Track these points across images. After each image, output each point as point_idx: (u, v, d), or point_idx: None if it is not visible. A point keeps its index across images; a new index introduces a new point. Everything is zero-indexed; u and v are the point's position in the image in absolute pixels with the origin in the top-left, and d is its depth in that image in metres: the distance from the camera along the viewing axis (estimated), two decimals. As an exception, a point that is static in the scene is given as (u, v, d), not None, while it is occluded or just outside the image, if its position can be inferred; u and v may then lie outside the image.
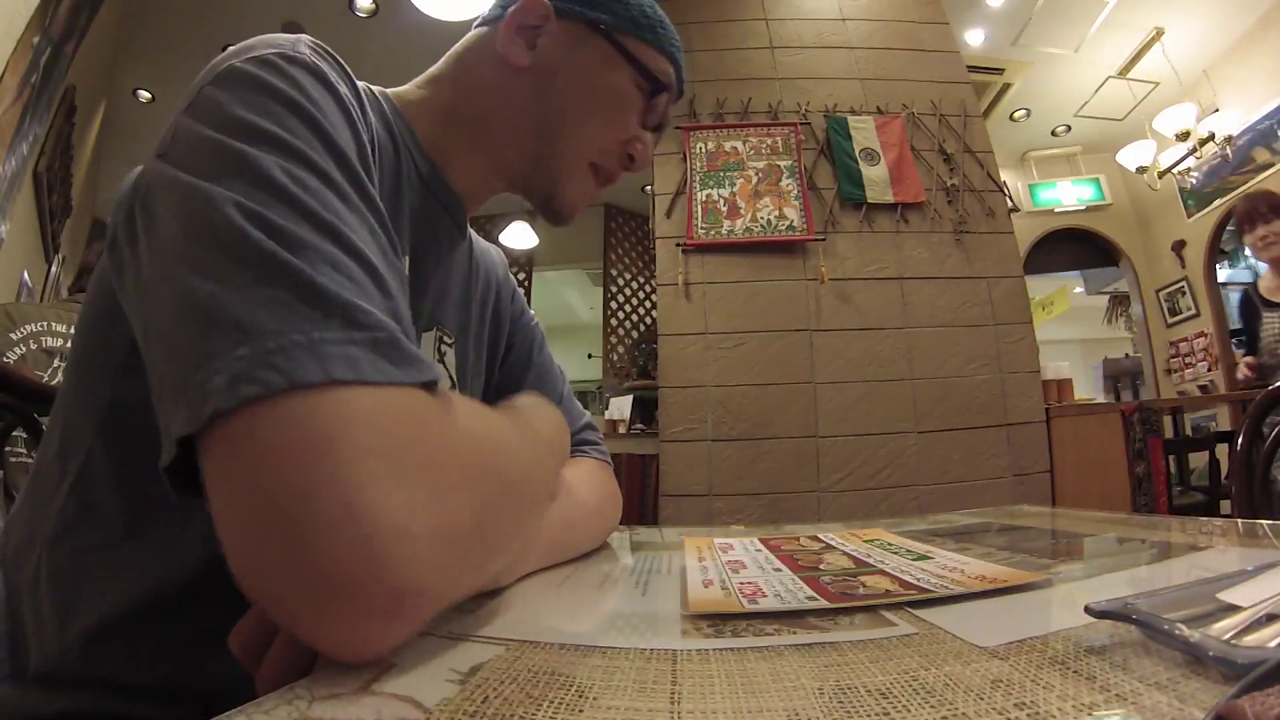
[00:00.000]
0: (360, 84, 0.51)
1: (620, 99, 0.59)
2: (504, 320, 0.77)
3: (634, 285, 6.08)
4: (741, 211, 3.05)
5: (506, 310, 0.77)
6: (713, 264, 3.02)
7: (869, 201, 3.04)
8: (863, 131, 3.15)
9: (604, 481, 0.70)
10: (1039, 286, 6.47)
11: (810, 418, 2.85)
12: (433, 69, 0.62)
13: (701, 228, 3.03)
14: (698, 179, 3.10)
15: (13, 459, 1.34)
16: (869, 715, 0.24)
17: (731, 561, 0.56)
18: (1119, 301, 6.87)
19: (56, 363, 1.69)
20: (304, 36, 0.43)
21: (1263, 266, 2.53)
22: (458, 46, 0.62)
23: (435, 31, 2.07)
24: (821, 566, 0.52)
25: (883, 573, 0.49)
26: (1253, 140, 4.13)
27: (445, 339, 0.63)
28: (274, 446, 0.27)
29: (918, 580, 0.45)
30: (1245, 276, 5.52)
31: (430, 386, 0.32)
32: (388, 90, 0.58)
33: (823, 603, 0.40)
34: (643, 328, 5.86)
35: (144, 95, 4.42)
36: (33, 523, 0.47)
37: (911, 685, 0.26)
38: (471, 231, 0.70)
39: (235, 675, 0.36)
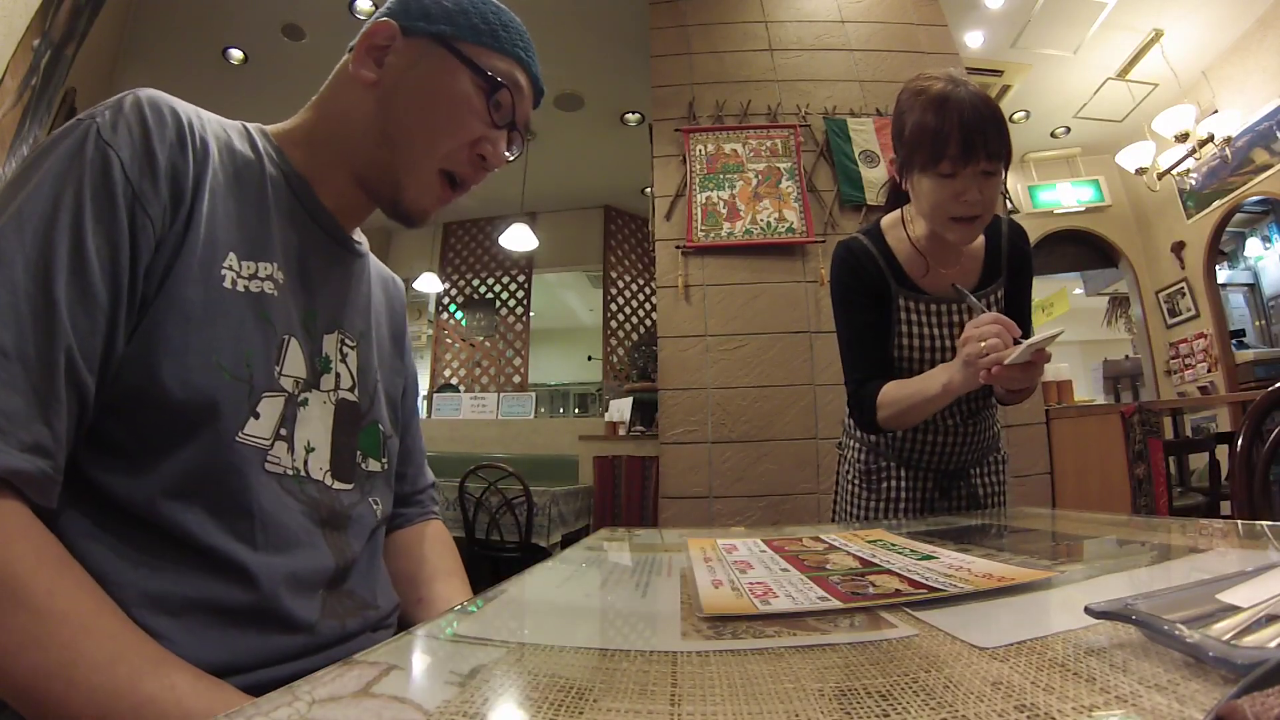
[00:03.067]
0: (233, 122, 0.61)
1: (458, 100, 0.62)
2: (406, 351, 0.83)
3: (634, 288, 6.08)
4: (741, 214, 3.05)
5: (406, 339, 0.84)
6: (712, 266, 3.03)
7: (869, 204, 3.04)
8: (862, 133, 3.15)
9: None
10: (1038, 288, 6.40)
11: (810, 419, 2.85)
12: (311, 100, 0.68)
13: (701, 230, 3.03)
14: (697, 181, 3.10)
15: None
16: (869, 717, 0.24)
17: (738, 562, 0.56)
18: (1119, 303, 6.88)
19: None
20: (138, 93, 0.53)
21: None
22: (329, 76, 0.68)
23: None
24: (828, 566, 0.52)
25: (890, 572, 0.48)
26: (1252, 141, 4.13)
27: (347, 342, 0.67)
28: None
29: (926, 579, 0.45)
30: (1246, 278, 5.54)
31: None
32: (267, 126, 0.66)
33: (835, 603, 0.40)
34: (642, 330, 5.86)
35: (144, 98, 4.42)
36: None
37: (912, 687, 0.26)
38: (373, 257, 0.77)
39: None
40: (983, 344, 0.88)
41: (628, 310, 6.01)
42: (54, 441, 0.44)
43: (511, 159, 0.69)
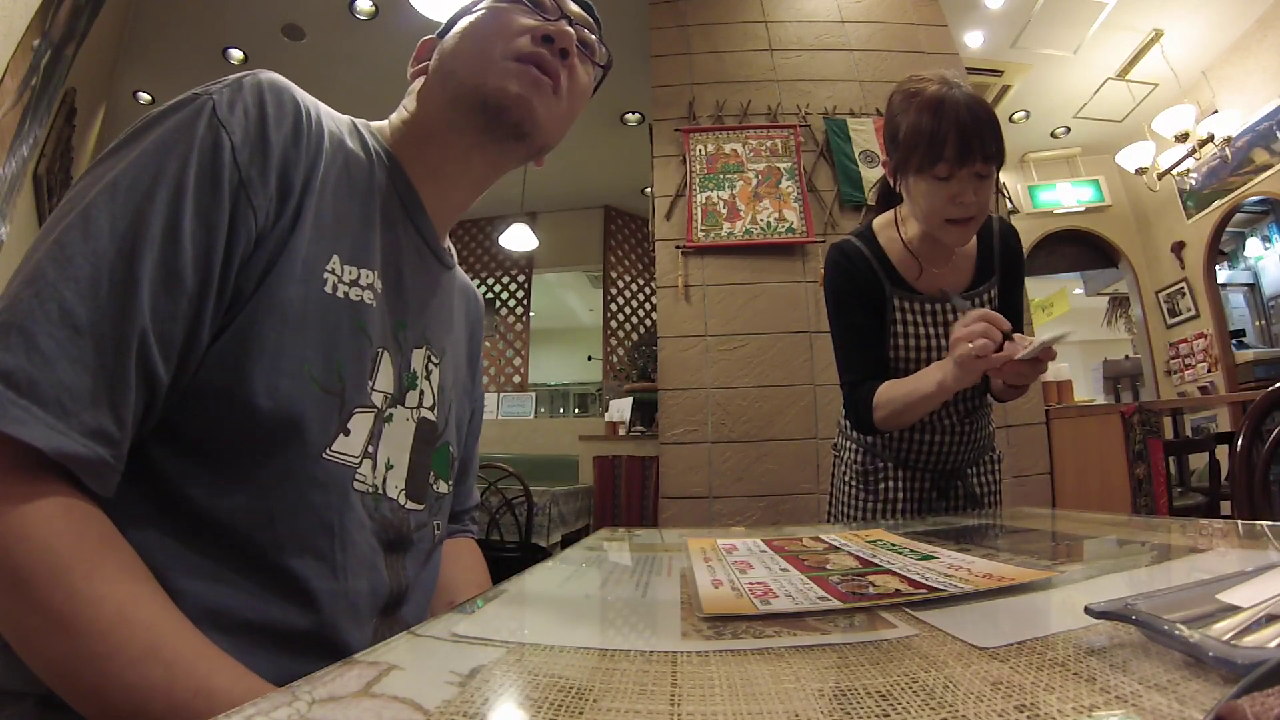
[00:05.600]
0: (344, 116, 0.60)
1: (488, 12, 0.62)
2: (478, 375, 0.82)
3: (634, 288, 6.08)
4: (741, 214, 3.05)
5: (480, 361, 0.83)
6: (712, 266, 3.03)
7: (869, 204, 3.04)
8: (862, 133, 3.15)
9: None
10: (1039, 288, 6.47)
11: (810, 419, 2.85)
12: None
13: (701, 230, 3.03)
14: (697, 181, 3.10)
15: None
16: (869, 717, 0.24)
17: (738, 562, 0.56)
18: (1119, 303, 6.88)
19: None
20: (255, 73, 0.51)
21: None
22: None
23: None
24: (828, 567, 0.52)
25: (891, 572, 0.48)
26: (1252, 141, 4.13)
27: (432, 359, 0.65)
28: None
29: (926, 579, 0.45)
30: (1246, 278, 5.54)
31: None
32: (371, 122, 0.65)
33: (835, 603, 0.40)
34: (642, 330, 5.86)
35: (144, 97, 4.43)
36: None
37: (912, 687, 0.26)
38: (459, 268, 0.75)
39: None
40: (970, 345, 0.89)
41: (628, 310, 6.01)
42: (118, 428, 0.41)
43: (584, 48, 0.65)
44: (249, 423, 0.46)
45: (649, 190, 3.70)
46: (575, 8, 0.67)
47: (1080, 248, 5.55)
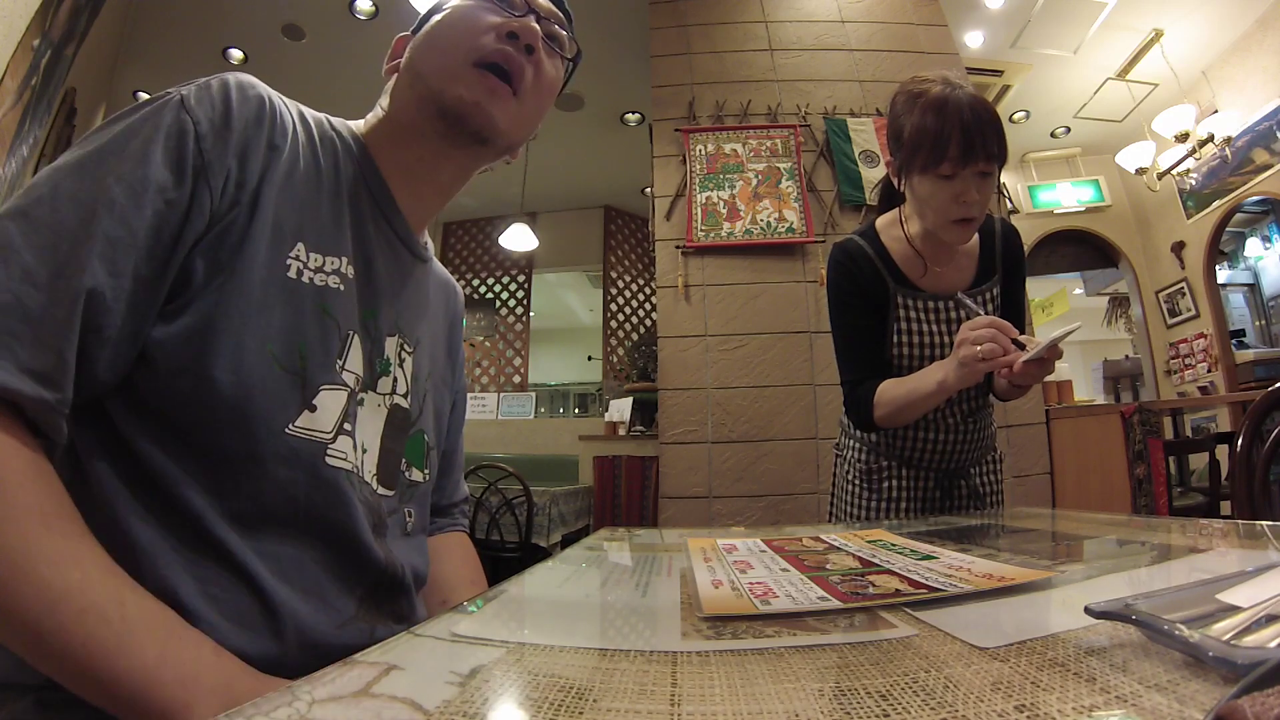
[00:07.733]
0: (320, 114, 0.63)
1: (457, 11, 0.63)
2: (458, 365, 0.82)
3: (634, 288, 6.08)
4: (741, 214, 3.06)
5: (460, 352, 0.84)
6: (712, 266, 3.03)
7: (869, 204, 3.04)
8: (862, 133, 3.15)
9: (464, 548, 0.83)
10: (1039, 288, 6.47)
11: (810, 419, 2.85)
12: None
13: (701, 230, 3.03)
14: (697, 181, 3.10)
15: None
16: (869, 717, 0.24)
17: (738, 562, 0.56)
18: (1119, 303, 6.88)
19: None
20: (235, 75, 0.55)
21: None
22: None
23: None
24: (828, 567, 0.52)
25: (891, 572, 0.48)
26: (1252, 141, 4.13)
27: (405, 347, 0.66)
28: None
29: (926, 579, 0.45)
30: (1246, 278, 5.54)
31: None
32: (350, 121, 0.67)
33: (835, 603, 0.40)
34: (642, 330, 5.86)
35: (144, 97, 4.42)
36: None
37: (912, 687, 0.26)
38: (437, 262, 0.77)
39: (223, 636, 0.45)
40: (978, 348, 0.90)
41: (628, 310, 6.01)
42: (59, 370, 0.43)
43: (544, 39, 0.65)
44: (211, 399, 0.48)
45: (649, 190, 3.70)
46: (544, 2, 0.68)
47: (1080, 248, 5.55)
